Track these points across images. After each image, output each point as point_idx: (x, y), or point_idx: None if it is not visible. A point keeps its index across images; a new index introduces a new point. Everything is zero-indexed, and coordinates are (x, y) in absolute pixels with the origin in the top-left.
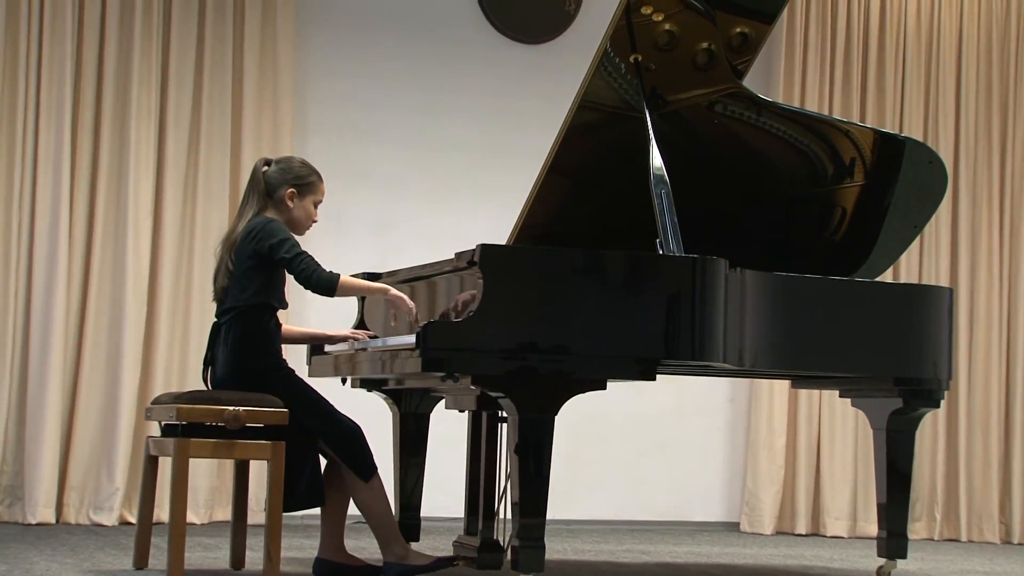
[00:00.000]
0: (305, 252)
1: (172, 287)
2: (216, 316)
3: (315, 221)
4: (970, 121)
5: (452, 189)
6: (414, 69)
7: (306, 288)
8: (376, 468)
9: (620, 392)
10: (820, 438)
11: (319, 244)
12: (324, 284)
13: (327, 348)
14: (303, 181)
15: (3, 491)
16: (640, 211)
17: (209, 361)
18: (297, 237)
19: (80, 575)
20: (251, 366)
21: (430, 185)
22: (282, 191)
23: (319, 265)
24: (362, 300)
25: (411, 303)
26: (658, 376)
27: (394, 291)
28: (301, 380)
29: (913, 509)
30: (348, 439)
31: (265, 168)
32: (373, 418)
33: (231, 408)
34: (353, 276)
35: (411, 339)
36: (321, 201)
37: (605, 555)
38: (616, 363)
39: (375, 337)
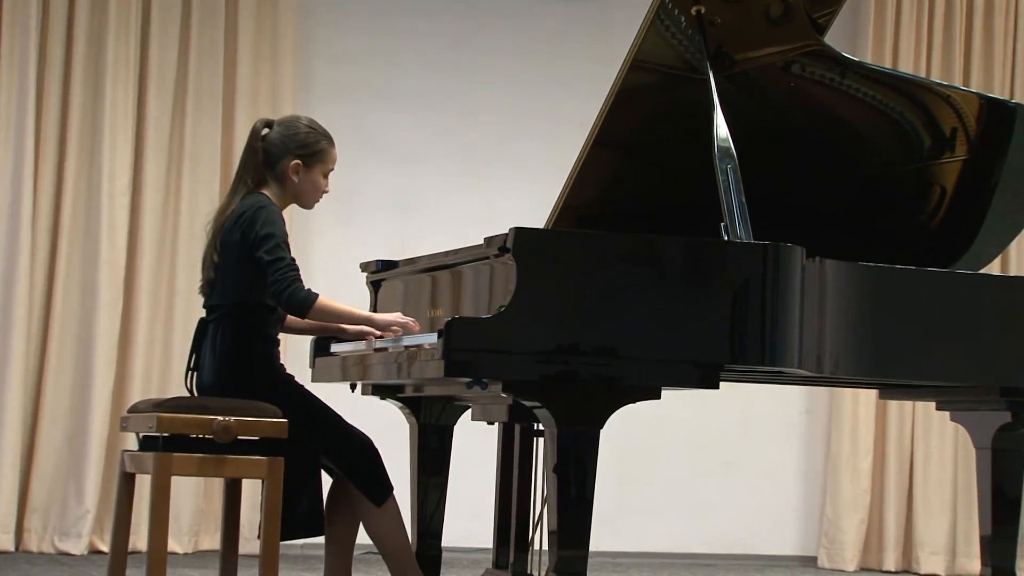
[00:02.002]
0: (288, 258)
1: (153, 275)
2: (204, 309)
3: (326, 192)
4: None
5: (482, 163)
6: (438, 23)
7: (275, 302)
8: (392, 489)
9: (677, 402)
10: (913, 458)
11: (325, 226)
12: (296, 302)
13: (334, 348)
14: (309, 150)
15: None
16: (701, 190)
17: (194, 364)
18: (305, 211)
19: None
20: (242, 375)
21: (456, 158)
22: (284, 163)
23: (298, 280)
24: (375, 291)
25: (407, 320)
26: (722, 384)
27: (382, 317)
28: (302, 387)
29: (1023, 543)
30: (359, 455)
31: (265, 132)
32: (387, 430)
33: (221, 418)
34: (370, 266)
35: (432, 338)
36: (332, 169)
37: None
38: (672, 368)
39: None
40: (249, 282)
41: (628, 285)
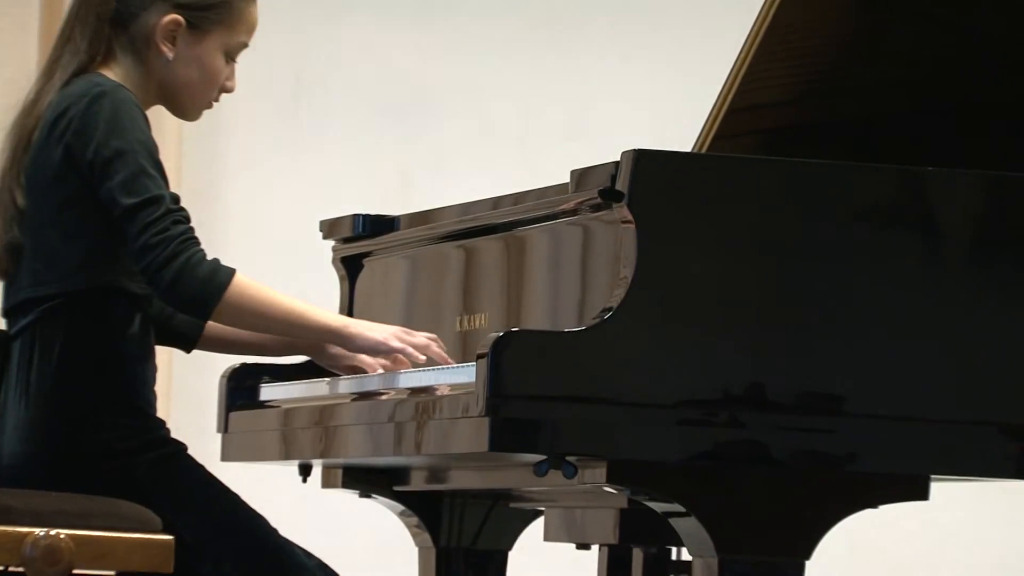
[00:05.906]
0: (166, 197)
1: None
2: (4, 315)
3: (228, 89)
4: None
5: (558, 27)
6: None
7: (151, 283)
8: None
9: (959, 510)
10: None
11: (249, 150)
12: (194, 283)
13: (267, 393)
14: (202, 1)
15: None
16: (1006, 74)
17: None
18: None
19: None
20: (81, 441)
21: (508, 20)
22: (150, 18)
23: (190, 237)
24: (351, 276)
25: (417, 338)
26: None
27: (363, 332)
28: (202, 470)
29: None
30: None
31: None
32: (374, 557)
33: (38, 531)
34: (337, 237)
35: (464, 373)
36: (246, 44)
37: None
38: (956, 439)
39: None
40: (88, 247)
41: (871, 269)
